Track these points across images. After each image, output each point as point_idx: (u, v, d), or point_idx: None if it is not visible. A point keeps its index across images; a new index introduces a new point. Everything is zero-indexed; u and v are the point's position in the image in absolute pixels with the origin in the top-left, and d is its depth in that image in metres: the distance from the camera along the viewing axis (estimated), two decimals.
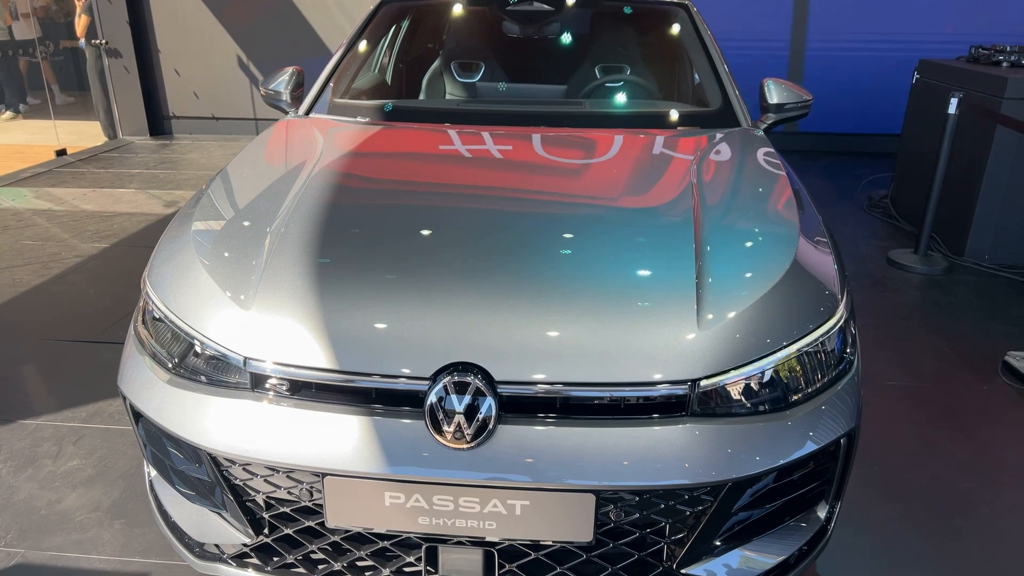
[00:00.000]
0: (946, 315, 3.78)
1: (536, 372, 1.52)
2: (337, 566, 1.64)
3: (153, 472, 1.86)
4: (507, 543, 1.58)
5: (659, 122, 2.67)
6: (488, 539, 1.56)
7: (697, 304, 1.62)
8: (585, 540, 1.55)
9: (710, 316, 1.60)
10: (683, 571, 1.62)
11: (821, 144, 7.28)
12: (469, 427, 1.48)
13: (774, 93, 2.80)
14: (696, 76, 2.91)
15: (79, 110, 9.47)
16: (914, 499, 2.39)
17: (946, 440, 2.71)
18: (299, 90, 2.94)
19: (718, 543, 1.63)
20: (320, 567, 1.64)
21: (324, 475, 1.52)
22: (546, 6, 3.07)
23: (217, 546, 1.72)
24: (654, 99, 2.97)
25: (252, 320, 1.61)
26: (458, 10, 3.30)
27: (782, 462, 1.56)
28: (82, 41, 7.65)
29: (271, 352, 1.57)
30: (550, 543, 1.57)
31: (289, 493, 1.61)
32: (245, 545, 1.68)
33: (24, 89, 9.58)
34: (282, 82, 2.93)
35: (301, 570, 1.65)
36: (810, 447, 1.59)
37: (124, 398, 1.76)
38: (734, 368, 1.57)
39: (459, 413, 1.48)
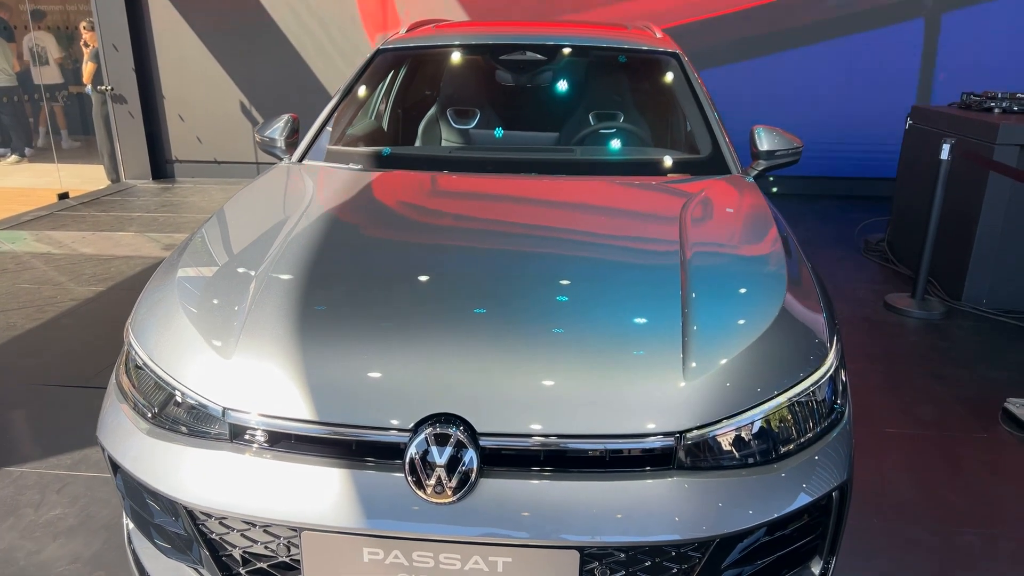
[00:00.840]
0: (944, 360, 3.74)
1: (519, 424, 1.49)
2: None
3: (131, 524, 1.82)
4: None
5: (649, 169, 2.68)
6: None
7: (683, 354, 1.60)
8: None
9: (696, 366, 1.58)
10: None
11: (816, 188, 7.32)
12: (450, 480, 1.45)
13: (764, 140, 2.82)
14: (687, 124, 2.93)
15: (84, 154, 9.58)
16: (914, 552, 2.33)
17: (946, 490, 2.65)
18: (294, 136, 2.96)
19: None
20: None
21: (301, 530, 1.49)
22: (539, 56, 3.11)
23: None
24: (645, 146, 2.99)
25: (232, 369, 1.60)
26: (454, 59, 3.35)
27: (773, 516, 1.52)
28: (88, 87, 7.78)
29: (251, 403, 1.55)
30: None
31: (266, 548, 1.57)
32: None
33: (30, 133, 9.70)
34: (277, 129, 2.96)
35: None
36: (802, 500, 1.56)
37: (103, 449, 1.73)
38: (722, 419, 1.54)
39: (439, 466, 1.45)
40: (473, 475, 1.45)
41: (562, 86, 3.23)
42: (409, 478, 1.46)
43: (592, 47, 3.17)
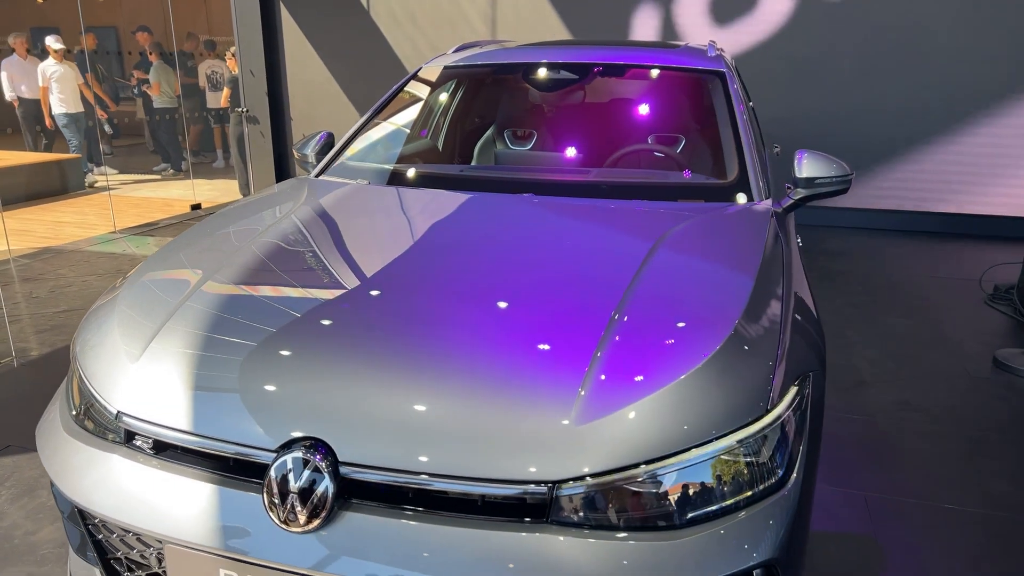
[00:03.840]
0: None
1: (383, 456, 1.39)
2: None
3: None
4: None
5: (664, 194, 2.48)
6: None
7: (582, 396, 1.43)
8: None
9: (591, 409, 1.40)
10: None
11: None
12: (303, 508, 1.37)
13: (804, 166, 2.53)
14: (722, 147, 2.69)
15: (230, 172, 10.44)
16: None
17: None
18: (325, 153, 3.02)
19: None
20: None
21: (165, 543, 1.46)
22: (570, 74, 2.99)
23: None
24: (667, 169, 2.78)
25: (134, 375, 1.61)
26: (484, 81, 3.30)
27: None
28: (228, 109, 8.48)
29: (142, 409, 1.56)
30: None
31: (142, 557, 1.56)
32: None
33: (181, 150, 10.65)
34: (310, 145, 3.04)
35: None
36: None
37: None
38: (612, 471, 1.35)
39: (293, 492, 1.37)
40: (328, 504, 1.37)
41: (595, 106, 3.08)
42: (266, 501, 1.40)
43: (630, 65, 3.01)
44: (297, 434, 1.42)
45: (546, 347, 1.57)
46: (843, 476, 2.78)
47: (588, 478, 1.35)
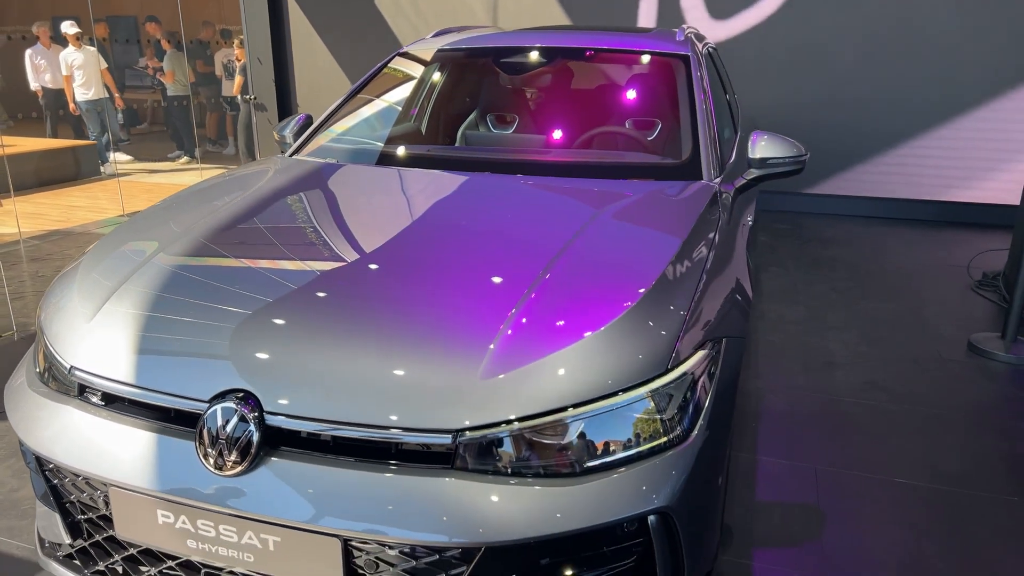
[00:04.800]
0: (1014, 412, 3.22)
1: (304, 406, 1.50)
2: None
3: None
4: None
5: (613, 173, 2.57)
6: (257, 572, 1.54)
7: (491, 351, 1.53)
8: None
9: (498, 365, 1.51)
10: None
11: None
12: (231, 454, 1.48)
13: (758, 147, 2.61)
14: (680, 129, 2.77)
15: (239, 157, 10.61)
16: None
17: (928, 554, 2.29)
18: (301, 135, 3.13)
19: None
20: None
21: (109, 486, 1.58)
22: (539, 57, 3.07)
23: (57, 545, 1.82)
24: (626, 150, 2.86)
25: (88, 332, 1.73)
26: (458, 64, 3.39)
27: (551, 532, 1.41)
28: (238, 97, 8.63)
29: (93, 363, 1.68)
30: None
31: (91, 500, 1.68)
32: (71, 546, 1.77)
33: (194, 137, 10.85)
34: (289, 127, 3.15)
35: None
36: (592, 520, 1.43)
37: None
38: (512, 421, 1.45)
39: (222, 439, 1.49)
40: (253, 451, 1.48)
41: (562, 89, 3.16)
42: (197, 448, 1.51)
43: (597, 50, 3.08)
44: (226, 387, 1.54)
45: (467, 307, 1.67)
46: (796, 450, 2.85)
47: (489, 428, 1.45)
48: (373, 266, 1.89)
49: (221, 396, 1.53)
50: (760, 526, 2.39)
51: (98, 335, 1.72)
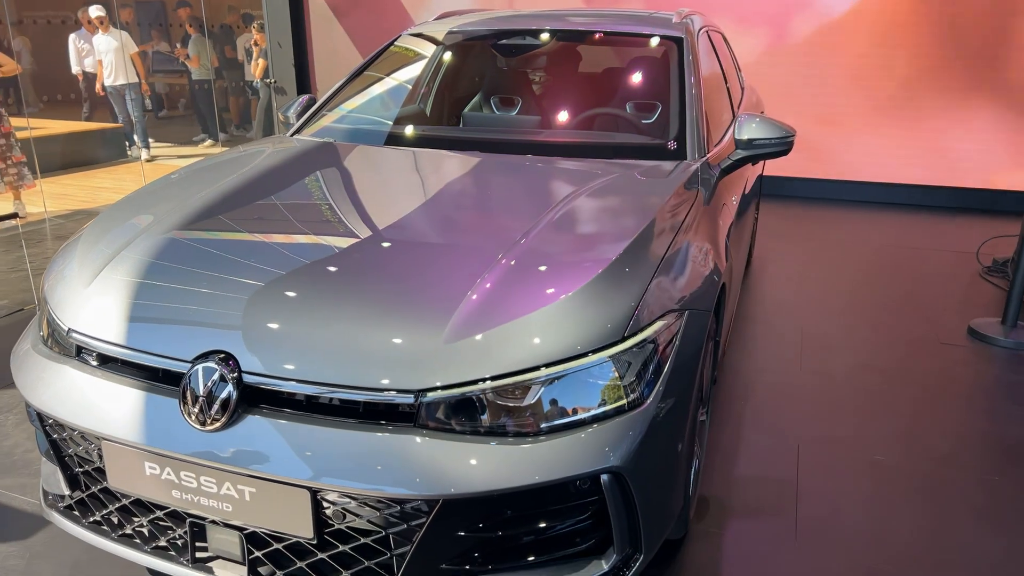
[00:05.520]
0: (1006, 396, 3.23)
1: (278, 366, 1.60)
2: (128, 530, 1.80)
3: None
4: (252, 529, 1.65)
5: (598, 152, 2.63)
6: (233, 522, 1.65)
7: (454, 318, 1.61)
8: (306, 536, 1.58)
9: (460, 330, 1.59)
10: None
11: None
12: (210, 411, 1.59)
13: (744, 129, 2.65)
14: (670, 110, 2.81)
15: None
16: None
17: (893, 527, 2.33)
18: (304, 115, 3.22)
19: (446, 566, 1.58)
20: (117, 531, 1.81)
21: (101, 440, 1.70)
22: (534, 40, 3.13)
23: (59, 496, 1.95)
24: (616, 130, 2.91)
25: (85, 299, 1.85)
26: (458, 47, 3.45)
27: (505, 487, 1.50)
28: (258, 81, 8.77)
29: (87, 326, 1.79)
30: (288, 537, 1.62)
31: (87, 453, 1.80)
32: (70, 497, 1.89)
33: (216, 121, 11.03)
34: (292, 107, 3.25)
35: (106, 528, 1.83)
36: (545, 477, 1.51)
37: None
38: (468, 384, 1.54)
39: (201, 396, 1.59)
40: (231, 408, 1.58)
41: (557, 71, 3.22)
42: (181, 404, 1.62)
43: (591, 32, 3.13)
44: (208, 348, 1.64)
45: (437, 275, 1.76)
46: (781, 427, 2.90)
47: (449, 388, 1.53)
48: (351, 238, 1.99)
49: (204, 357, 1.63)
50: (736, 499, 2.46)
51: (94, 300, 1.83)
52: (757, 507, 2.42)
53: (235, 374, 1.60)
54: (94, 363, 1.79)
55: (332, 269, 1.82)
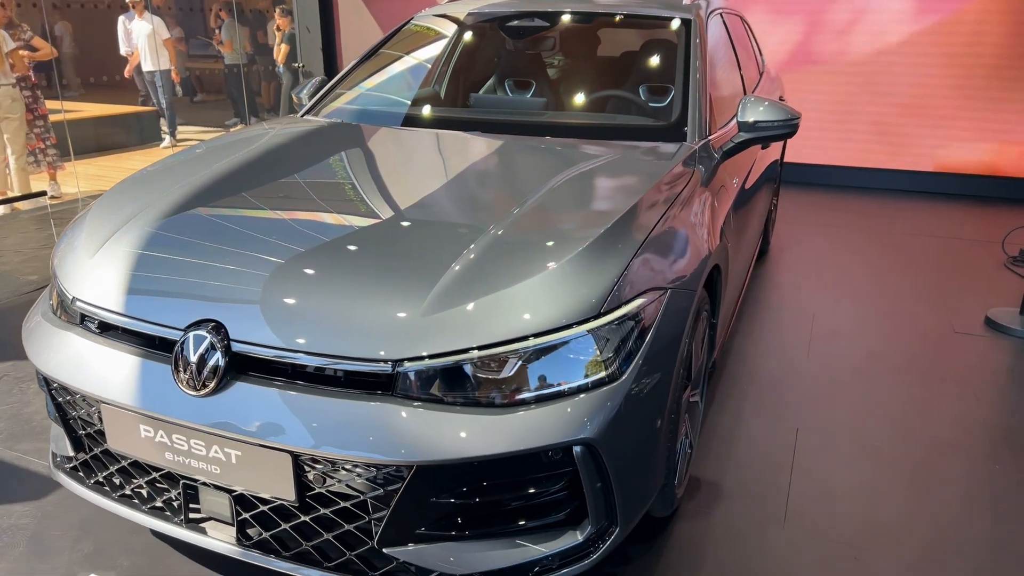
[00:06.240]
0: (1019, 386, 3.18)
1: (264, 335, 1.66)
2: (127, 491, 1.89)
3: None
4: (240, 492, 1.72)
5: (599, 134, 2.65)
6: (221, 484, 1.72)
7: (434, 291, 1.65)
8: (289, 499, 1.65)
9: (438, 303, 1.63)
10: (385, 550, 1.64)
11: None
12: (199, 377, 1.65)
13: (747, 111, 2.65)
14: (673, 91, 2.81)
15: None
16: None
17: (878, 512, 2.33)
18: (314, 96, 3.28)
19: (423, 530, 1.63)
20: (117, 492, 1.90)
21: (100, 403, 1.78)
22: (545, 22, 3.14)
23: (66, 458, 2.04)
24: (620, 112, 2.92)
25: (89, 269, 1.93)
26: (474, 30, 3.48)
27: (477, 455, 1.54)
28: (280, 66, 8.87)
29: (90, 295, 1.87)
30: (273, 499, 1.68)
31: (88, 415, 1.89)
32: (75, 459, 1.98)
33: (245, 104, 11.19)
34: (305, 89, 3.32)
35: (107, 488, 1.92)
36: (517, 446, 1.55)
37: None
38: (443, 355, 1.58)
39: (192, 362, 1.65)
40: (219, 374, 1.64)
41: (567, 52, 3.23)
42: (173, 370, 1.69)
43: (599, 14, 3.13)
44: (200, 317, 1.70)
45: (422, 250, 1.81)
46: (782, 413, 2.90)
47: (424, 359, 1.58)
48: (343, 214, 2.04)
49: (196, 325, 1.69)
50: (729, 480, 2.47)
51: (97, 271, 1.91)
52: (749, 489, 2.43)
53: (224, 342, 1.66)
54: (96, 330, 1.87)
55: (322, 242, 1.87)
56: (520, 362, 1.61)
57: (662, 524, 2.23)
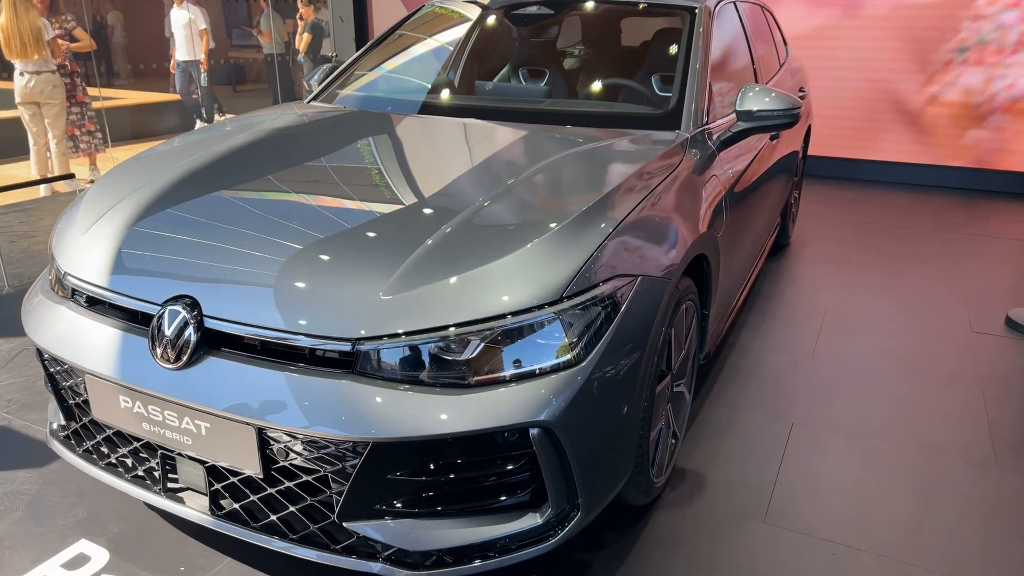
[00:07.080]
0: None
1: (235, 312, 1.70)
2: (112, 459, 1.96)
3: None
4: (211, 463, 1.77)
5: (595, 121, 2.65)
6: (192, 455, 1.77)
7: (398, 272, 1.68)
8: (254, 471, 1.69)
9: (401, 284, 1.65)
10: (345, 524, 1.67)
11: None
12: (173, 350, 1.71)
13: (746, 100, 2.61)
14: (673, 80, 2.79)
15: None
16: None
17: (860, 509, 2.28)
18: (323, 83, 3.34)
19: (381, 506, 1.66)
20: (103, 460, 1.97)
21: (83, 373, 1.85)
22: (550, 10, 3.14)
23: (60, 427, 2.13)
24: (618, 100, 2.90)
25: (81, 243, 2.00)
26: (475, 18, 3.50)
27: (433, 433, 1.56)
28: (301, 56, 8.98)
29: (78, 270, 1.94)
30: (242, 472, 1.73)
31: (75, 385, 1.96)
32: (66, 428, 2.07)
33: (278, 92, 11.35)
34: (315, 75, 3.38)
35: (95, 456, 2.00)
36: (472, 426, 1.56)
37: None
38: (402, 335, 1.60)
39: (168, 337, 1.71)
40: (191, 348, 1.69)
41: (570, 38, 3.21)
42: (150, 344, 1.75)
43: (611, 3, 3.12)
44: (176, 293, 1.76)
45: (390, 233, 1.83)
46: (778, 406, 2.86)
47: (382, 339, 1.60)
48: (324, 195, 2.08)
49: (173, 301, 1.75)
50: (715, 473, 2.45)
51: (87, 247, 1.98)
52: (734, 482, 2.41)
53: (198, 318, 1.71)
54: (84, 304, 1.94)
55: (299, 223, 1.91)
56: (482, 344, 1.62)
57: (640, 512, 2.23)
